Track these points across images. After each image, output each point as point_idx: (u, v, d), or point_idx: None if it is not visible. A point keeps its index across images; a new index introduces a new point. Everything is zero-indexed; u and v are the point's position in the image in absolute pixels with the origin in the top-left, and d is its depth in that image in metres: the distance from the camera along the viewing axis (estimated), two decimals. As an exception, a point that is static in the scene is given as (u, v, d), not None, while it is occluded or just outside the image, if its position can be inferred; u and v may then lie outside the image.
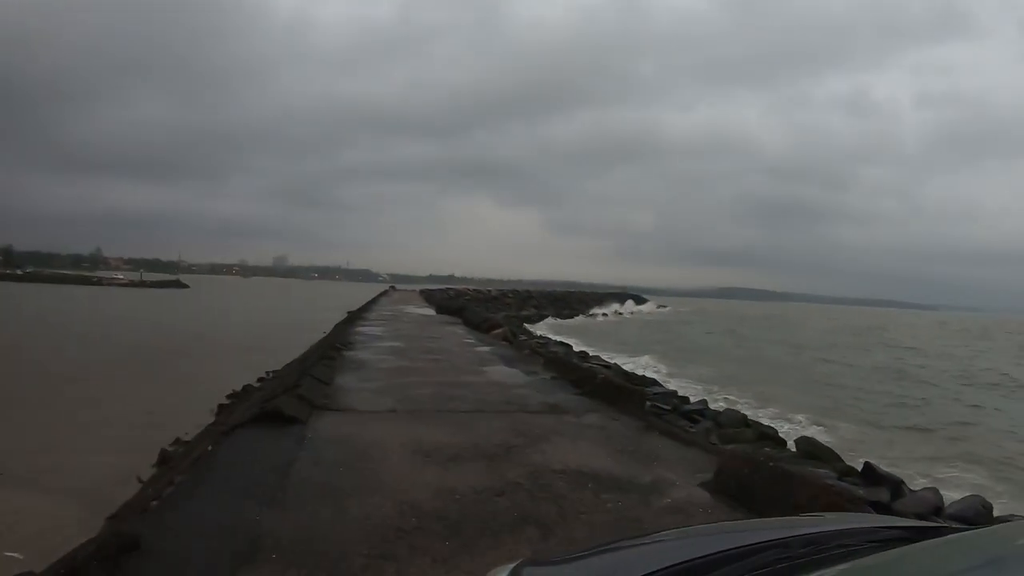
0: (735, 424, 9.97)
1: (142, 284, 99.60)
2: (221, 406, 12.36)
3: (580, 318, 59.61)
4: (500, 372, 10.58)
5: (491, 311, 34.66)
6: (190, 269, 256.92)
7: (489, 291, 70.00)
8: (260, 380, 15.41)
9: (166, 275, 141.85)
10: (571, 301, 76.79)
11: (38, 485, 9.15)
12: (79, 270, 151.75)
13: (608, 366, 16.62)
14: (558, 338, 26.62)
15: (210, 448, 5.58)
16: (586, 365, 13.58)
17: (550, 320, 50.37)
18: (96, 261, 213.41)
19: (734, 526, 2.03)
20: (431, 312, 30.57)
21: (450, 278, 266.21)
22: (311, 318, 40.06)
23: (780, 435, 9.98)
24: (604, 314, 66.66)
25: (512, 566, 1.26)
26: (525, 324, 33.52)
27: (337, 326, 22.89)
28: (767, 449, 8.30)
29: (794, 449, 8.73)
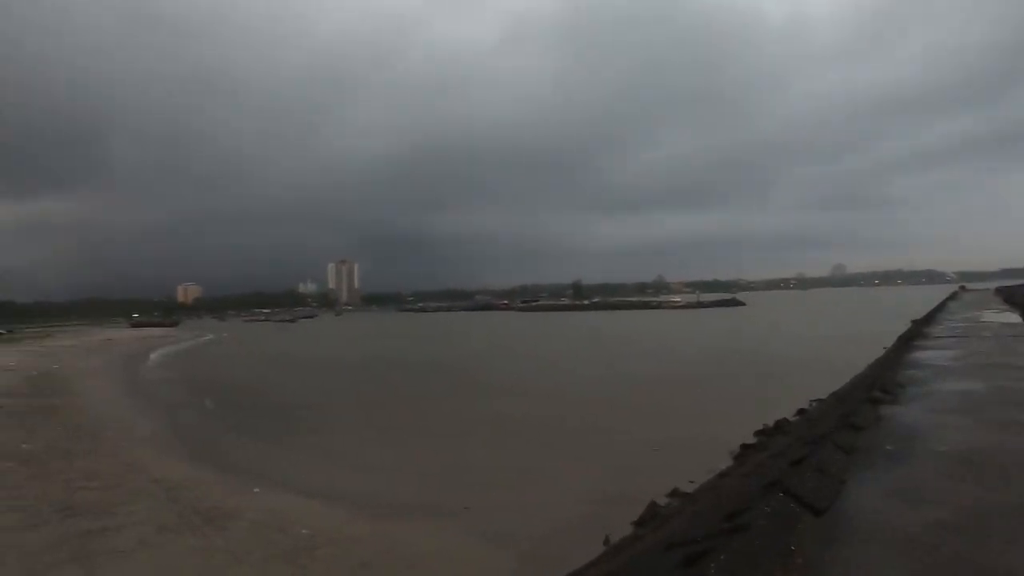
0: None
1: (699, 305, 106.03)
2: (744, 447, 10.35)
3: None
4: None
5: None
6: (748, 286, 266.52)
7: None
8: (800, 412, 13.02)
9: (723, 294, 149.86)
10: None
11: (486, 526, 8.63)
12: (644, 296, 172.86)
13: None
14: None
15: None
16: None
17: None
18: (659, 287, 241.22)
19: None
20: (1015, 319, 20.94)
21: None
22: (869, 330, 34.71)
23: None
24: None
25: None
26: None
27: (895, 345, 18.17)
28: None
29: None
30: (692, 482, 8.68)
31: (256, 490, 10.65)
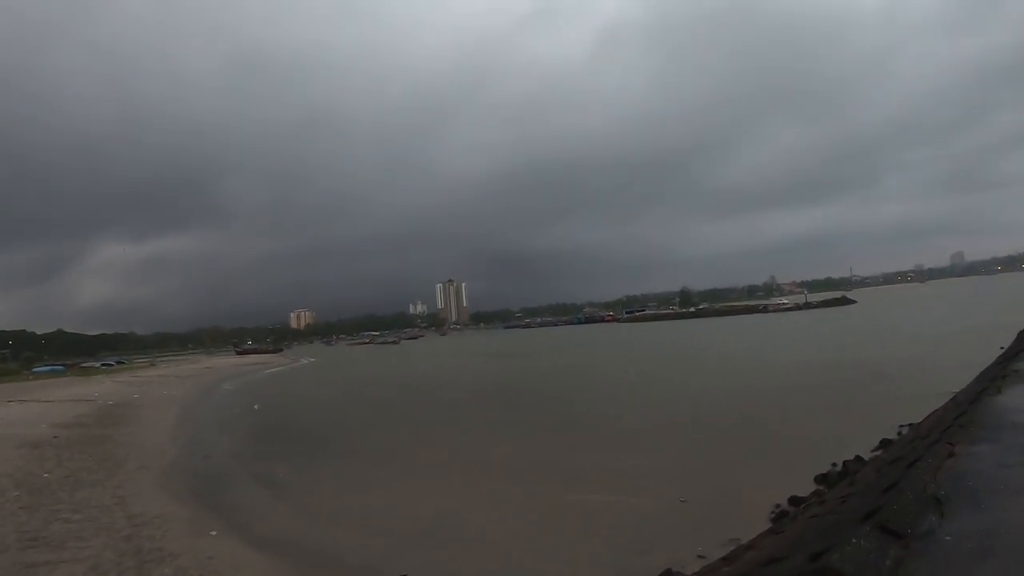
0: None
1: (807, 306, 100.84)
2: (794, 501, 8.76)
3: None
4: None
5: None
6: (863, 282, 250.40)
7: None
8: (884, 444, 10.85)
9: (834, 292, 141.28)
10: None
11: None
12: (754, 299, 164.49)
13: None
14: None
15: None
16: None
17: None
18: (770, 289, 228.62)
19: None
20: None
21: None
22: (985, 323, 29.98)
23: None
24: None
25: None
26: None
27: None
28: None
29: None
30: (702, 557, 7.14)
31: (213, 533, 9.74)
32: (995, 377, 8.94)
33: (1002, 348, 16.85)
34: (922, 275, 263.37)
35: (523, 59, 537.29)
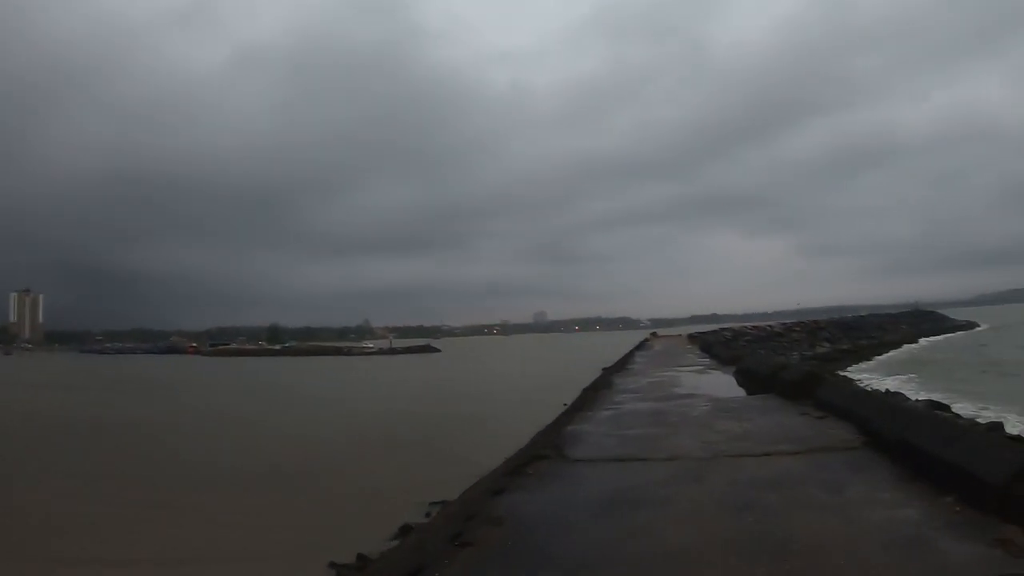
0: None
1: (391, 351, 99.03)
2: None
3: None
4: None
5: (782, 351, 32.25)
6: (452, 332, 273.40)
7: (770, 327, 53.39)
8: (404, 531, 8.92)
9: (425, 339, 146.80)
10: (867, 328, 59.21)
11: None
12: (346, 341, 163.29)
13: None
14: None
15: None
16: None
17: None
18: (363, 332, 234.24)
19: None
20: (726, 378, 16.88)
21: (712, 316, 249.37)
22: (560, 377, 32.54)
23: None
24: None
25: None
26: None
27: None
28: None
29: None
30: None
31: None
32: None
33: (565, 404, 16.40)
34: (507, 329, 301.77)
35: (151, 60, 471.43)
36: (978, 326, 79.21)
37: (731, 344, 34.58)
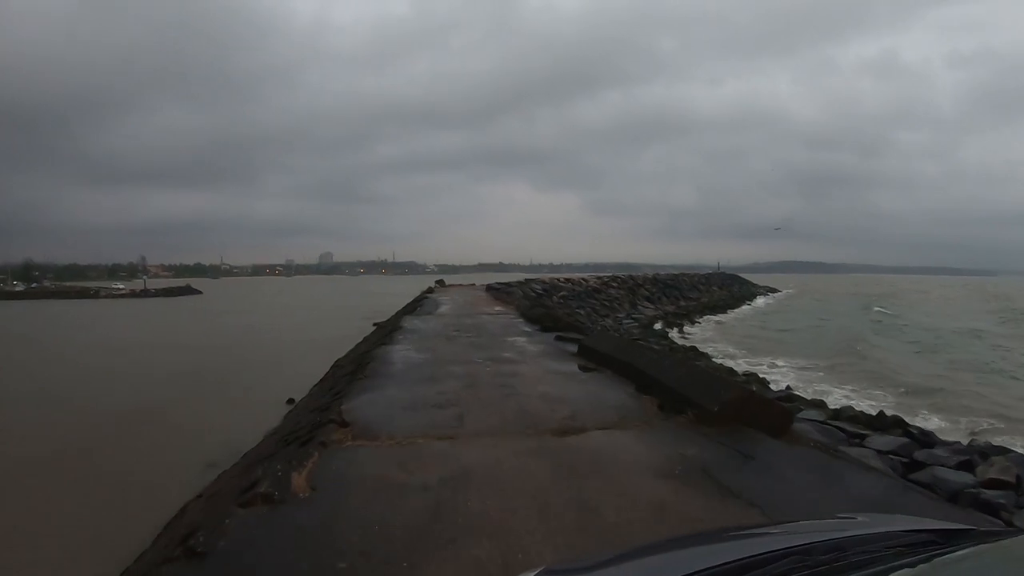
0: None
1: (144, 293, 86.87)
2: None
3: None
4: None
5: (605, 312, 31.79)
6: (231, 272, 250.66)
7: (583, 280, 46.70)
8: None
9: (189, 279, 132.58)
10: (683, 288, 56.08)
11: None
12: (116, 280, 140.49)
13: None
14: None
15: None
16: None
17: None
18: (135, 270, 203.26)
19: (756, 531, 1.48)
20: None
21: (499, 265, 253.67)
22: (327, 333, 26.54)
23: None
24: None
25: (535, 573, 1.19)
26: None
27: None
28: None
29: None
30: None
31: None
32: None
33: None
34: (290, 270, 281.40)
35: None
36: (778, 291, 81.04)
37: (544, 301, 27.43)
